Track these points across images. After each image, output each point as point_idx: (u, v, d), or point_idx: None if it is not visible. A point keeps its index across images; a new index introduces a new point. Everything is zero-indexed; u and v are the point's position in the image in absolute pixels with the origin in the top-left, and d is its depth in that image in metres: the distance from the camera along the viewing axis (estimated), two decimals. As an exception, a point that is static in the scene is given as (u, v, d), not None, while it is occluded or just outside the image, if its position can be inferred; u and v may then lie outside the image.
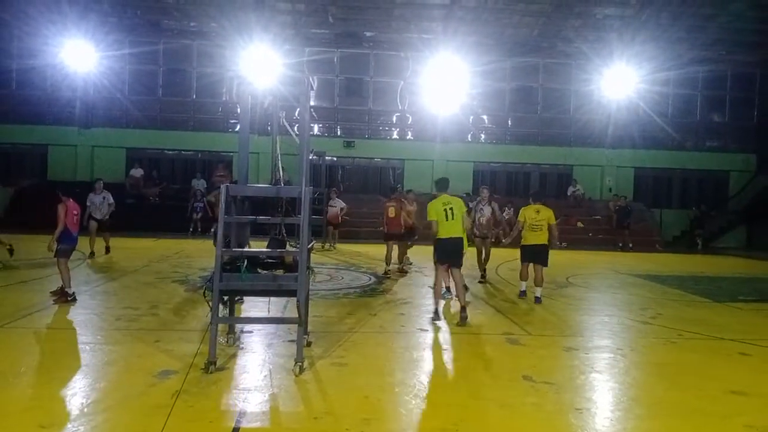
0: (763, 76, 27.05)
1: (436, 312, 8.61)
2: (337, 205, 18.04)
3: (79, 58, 23.72)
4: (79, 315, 8.12)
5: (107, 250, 14.46)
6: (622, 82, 24.91)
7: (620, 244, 22.00)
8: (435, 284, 8.91)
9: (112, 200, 14.44)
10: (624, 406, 5.32)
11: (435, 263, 9.04)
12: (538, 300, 10.19)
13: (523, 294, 10.61)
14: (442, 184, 9.11)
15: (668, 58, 25.25)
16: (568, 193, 25.80)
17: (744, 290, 12.90)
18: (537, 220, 10.51)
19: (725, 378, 6.17)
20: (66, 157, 24.75)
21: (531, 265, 10.47)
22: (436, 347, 7.16)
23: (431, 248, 9.04)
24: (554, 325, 8.73)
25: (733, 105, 27.61)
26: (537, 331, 8.11)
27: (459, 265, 8.68)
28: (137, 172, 23.91)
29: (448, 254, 8.64)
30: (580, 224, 23.87)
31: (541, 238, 10.51)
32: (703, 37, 24.44)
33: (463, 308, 8.36)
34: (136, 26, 25.02)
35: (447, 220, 8.57)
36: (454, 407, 5.08)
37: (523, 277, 10.62)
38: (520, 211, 10.88)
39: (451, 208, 8.59)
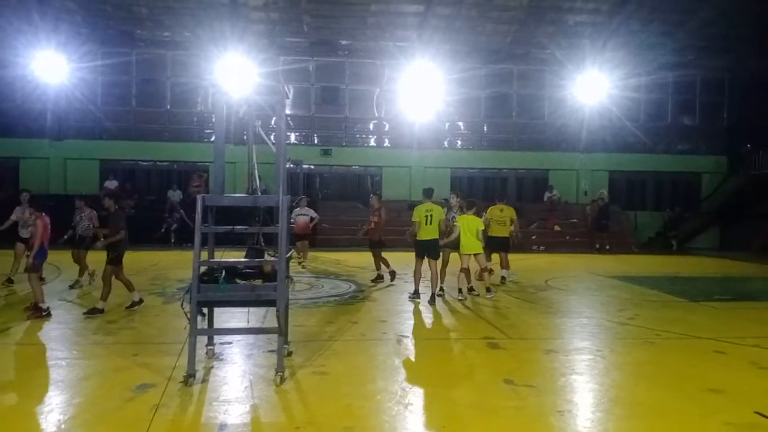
0: (731, 80, 27.53)
1: (415, 292, 10.54)
2: (308, 214, 16.17)
3: (50, 69, 23.35)
4: (54, 330, 7.97)
5: (9, 280, 11.49)
6: (595, 87, 25.22)
7: (597, 246, 22.20)
8: (415, 272, 10.70)
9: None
10: (604, 407, 5.36)
11: (416, 257, 10.74)
12: (503, 279, 12.74)
13: (503, 279, 12.82)
14: (427, 193, 10.92)
15: (639, 64, 25.66)
16: (545, 198, 26.03)
17: (719, 290, 13.12)
18: (501, 216, 12.99)
19: (703, 376, 6.26)
20: (38, 169, 24.33)
21: (498, 254, 12.85)
22: (418, 354, 7.16)
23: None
24: (534, 328, 8.79)
25: (703, 108, 28.08)
26: (517, 334, 8.16)
27: (436, 257, 10.67)
28: (111, 184, 23.53)
29: (425, 251, 10.60)
30: (557, 228, 24.07)
31: (503, 231, 12.93)
32: (672, 42, 24.85)
33: (434, 295, 10.40)
34: (108, 37, 24.74)
35: (426, 224, 10.46)
36: (437, 413, 5.09)
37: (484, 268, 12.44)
38: (488, 210, 13.15)
39: (431, 215, 10.47)
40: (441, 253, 10.95)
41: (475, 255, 10.92)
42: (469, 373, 6.35)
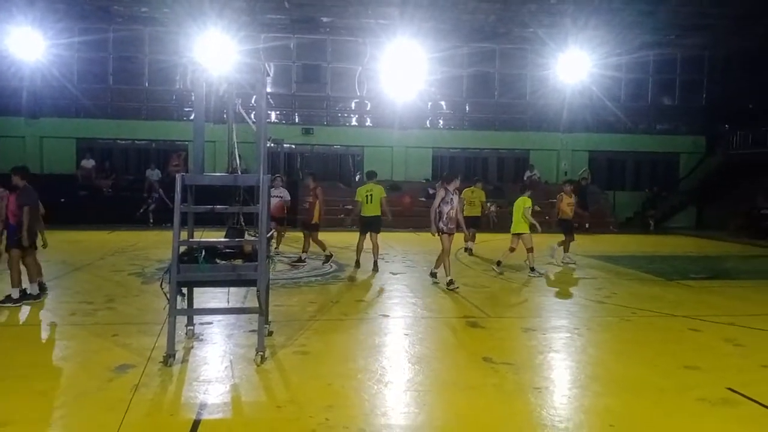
0: (711, 58, 27.73)
1: (357, 262, 11.91)
2: (283, 196, 13.97)
3: (26, 46, 22.80)
4: (32, 311, 7.89)
5: None
6: (576, 66, 25.21)
7: (576, 225, 22.31)
8: (357, 245, 12.04)
9: None
10: (581, 384, 5.45)
11: (359, 233, 12.08)
12: (468, 250, 14.55)
13: (469, 250, 14.59)
14: (369, 175, 12.36)
15: (620, 43, 25.67)
16: (525, 178, 26.10)
17: (695, 268, 13.32)
18: (471, 198, 14.63)
19: (678, 353, 6.39)
20: (13, 148, 23.82)
21: (473, 230, 14.02)
22: (398, 332, 7.21)
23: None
24: (513, 307, 8.90)
25: (682, 88, 28.24)
26: (496, 313, 8.24)
27: (377, 232, 11.86)
28: (88, 163, 23.23)
29: (367, 226, 11.86)
30: (537, 208, 24.12)
31: (474, 211, 14.59)
32: (653, 21, 24.86)
33: (375, 263, 11.64)
34: (85, 13, 24.17)
35: (367, 203, 11.71)
36: (417, 391, 5.14)
37: (468, 239, 14.25)
38: (463, 191, 14.04)
39: (371, 195, 11.73)
40: (441, 239, 10.09)
41: (519, 235, 11.91)
42: (449, 352, 6.41)
